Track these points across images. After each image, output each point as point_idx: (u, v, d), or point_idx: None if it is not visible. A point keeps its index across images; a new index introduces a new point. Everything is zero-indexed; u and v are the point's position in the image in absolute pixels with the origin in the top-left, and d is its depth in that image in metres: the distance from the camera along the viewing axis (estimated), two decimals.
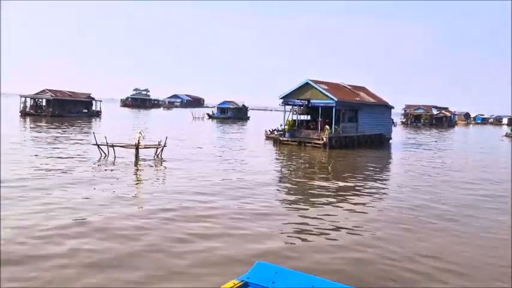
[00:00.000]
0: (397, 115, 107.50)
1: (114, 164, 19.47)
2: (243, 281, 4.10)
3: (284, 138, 33.24)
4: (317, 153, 28.97)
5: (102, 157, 20.60)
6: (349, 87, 36.90)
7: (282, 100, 34.49)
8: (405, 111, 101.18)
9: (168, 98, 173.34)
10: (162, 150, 21.27)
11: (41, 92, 56.04)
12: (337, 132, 32.22)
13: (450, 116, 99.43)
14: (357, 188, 17.09)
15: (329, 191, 16.25)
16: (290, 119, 34.43)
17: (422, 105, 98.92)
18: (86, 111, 60.79)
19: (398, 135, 49.55)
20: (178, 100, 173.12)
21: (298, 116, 35.98)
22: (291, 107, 34.77)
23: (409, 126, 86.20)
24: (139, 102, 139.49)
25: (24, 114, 54.61)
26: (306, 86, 33.04)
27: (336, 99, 31.27)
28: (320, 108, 32.37)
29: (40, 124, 43.13)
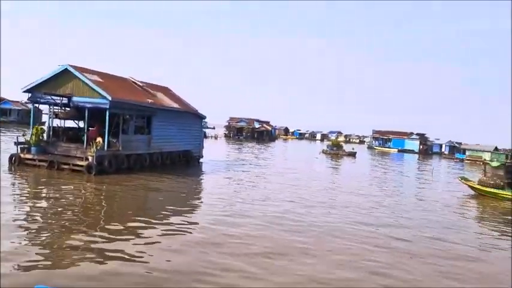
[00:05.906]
0: (221, 128, 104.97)
1: None
2: None
3: (28, 156, 20.86)
4: (73, 183, 17.60)
5: None
6: (142, 85, 26.35)
7: (29, 95, 22.01)
8: (229, 123, 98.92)
9: None
10: None
11: None
12: (114, 148, 21.39)
13: (271, 130, 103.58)
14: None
15: None
16: (45, 126, 22.13)
17: (246, 118, 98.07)
18: None
19: (214, 151, 41.45)
20: None
21: (63, 122, 24.05)
22: (47, 106, 22.59)
23: (231, 140, 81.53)
24: None
25: None
26: (66, 75, 21.17)
27: (110, 98, 20.36)
28: (87, 111, 21.06)
29: None
